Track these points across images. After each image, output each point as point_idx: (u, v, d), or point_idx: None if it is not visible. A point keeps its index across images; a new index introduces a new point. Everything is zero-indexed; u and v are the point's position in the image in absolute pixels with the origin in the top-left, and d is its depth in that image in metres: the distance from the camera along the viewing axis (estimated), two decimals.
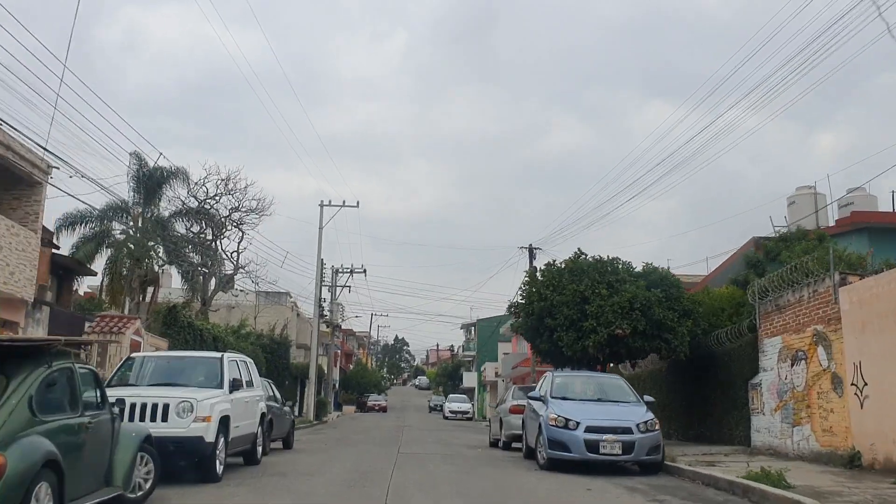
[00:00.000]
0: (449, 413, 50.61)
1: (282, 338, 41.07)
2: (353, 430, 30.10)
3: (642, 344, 18.16)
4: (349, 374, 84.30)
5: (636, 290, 18.29)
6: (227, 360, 11.62)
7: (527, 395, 16.99)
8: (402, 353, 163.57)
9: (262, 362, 35.37)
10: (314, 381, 40.32)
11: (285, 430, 17.22)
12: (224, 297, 49.05)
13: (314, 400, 39.99)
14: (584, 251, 20.46)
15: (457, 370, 78.71)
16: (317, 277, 41.20)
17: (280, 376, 40.26)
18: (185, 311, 35.39)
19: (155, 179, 38.52)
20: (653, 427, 12.40)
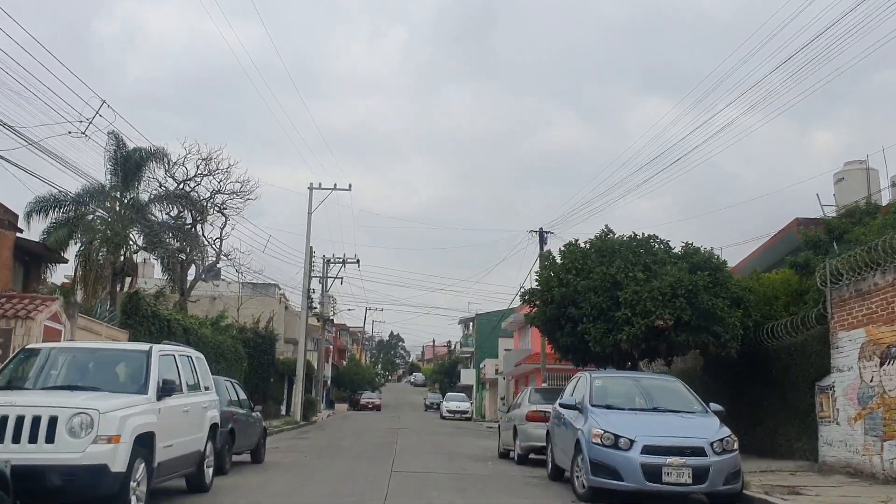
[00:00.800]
0: (447, 412, 47.54)
1: (267, 331, 37.92)
2: (343, 434, 27.02)
3: (686, 338, 15.06)
4: (342, 371, 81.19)
5: (679, 273, 15.19)
6: (157, 355, 8.47)
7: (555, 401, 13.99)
8: (398, 349, 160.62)
9: (243, 358, 32.28)
10: (302, 378, 37.22)
11: (254, 440, 14.10)
12: (207, 287, 46.00)
13: (301, 398, 36.87)
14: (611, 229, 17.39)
15: (454, 367, 75.57)
16: (305, 266, 38.09)
17: (265, 373, 37.16)
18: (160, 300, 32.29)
19: (133, 161, 35.67)
20: (730, 446, 9.33)
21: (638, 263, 15.70)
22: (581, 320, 15.78)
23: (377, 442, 21.67)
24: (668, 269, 15.35)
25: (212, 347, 27.07)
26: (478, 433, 31.13)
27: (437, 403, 67.82)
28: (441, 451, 18.94)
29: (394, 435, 25.61)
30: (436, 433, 28.52)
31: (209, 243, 37.95)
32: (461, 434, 29.33)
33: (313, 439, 23.36)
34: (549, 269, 17.42)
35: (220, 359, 28.20)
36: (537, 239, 26.73)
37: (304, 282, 37.92)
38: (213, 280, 49.80)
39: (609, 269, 15.68)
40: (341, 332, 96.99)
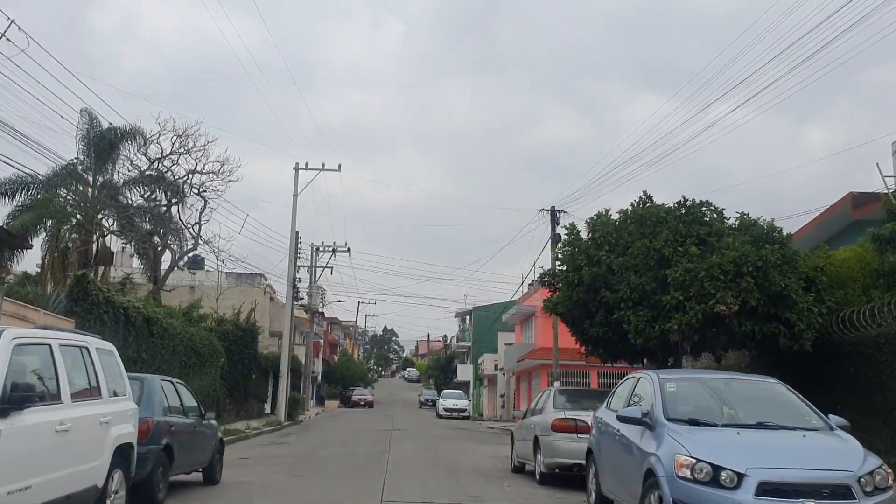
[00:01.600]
0: (443, 411, 44.49)
1: (249, 324, 34.83)
2: (328, 438, 23.97)
3: (752, 327, 11.97)
4: (333, 366, 78.11)
5: (742, 246, 12.12)
6: (6, 345, 5.35)
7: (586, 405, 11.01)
8: (391, 344, 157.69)
9: (219, 352, 29.16)
10: (287, 374, 34.11)
11: (205, 456, 10.98)
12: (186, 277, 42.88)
13: (286, 396, 33.77)
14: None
15: (450, 362, 72.48)
16: (291, 252, 34.95)
17: (246, 369, 34.07)
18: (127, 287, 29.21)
19: (108, 140, 32.66)
20: (884, 483, 6.28)
21: (690, 235, 12.64)
22: (618, 306, 12.72)
23: (366, 450, 18.61)
24: (729, 241, 12.27)
25: (181, 340, 23.96)
26: (480, 436, 28.11)
27: (433, 400, 64.83)
28: (442, 462, 15.88)
29: (386, 440, 22.56)
30: (433, 437, 25.49)
31: (185, 227, 34.93)
32: (462, 437, 26.29)
33: (293, 446, 20.28)
34: (573, 245, 14.36)
35: (192, 353, 25.09)
36: (548, 219, 23.69)
37: (288, 269, 34.81)
38: (195, 270, 46.83)
39: (654, 243, 12.61)
40: (333, 326, 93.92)
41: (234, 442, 20.94)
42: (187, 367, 24.55)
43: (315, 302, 45.79)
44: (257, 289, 43.63)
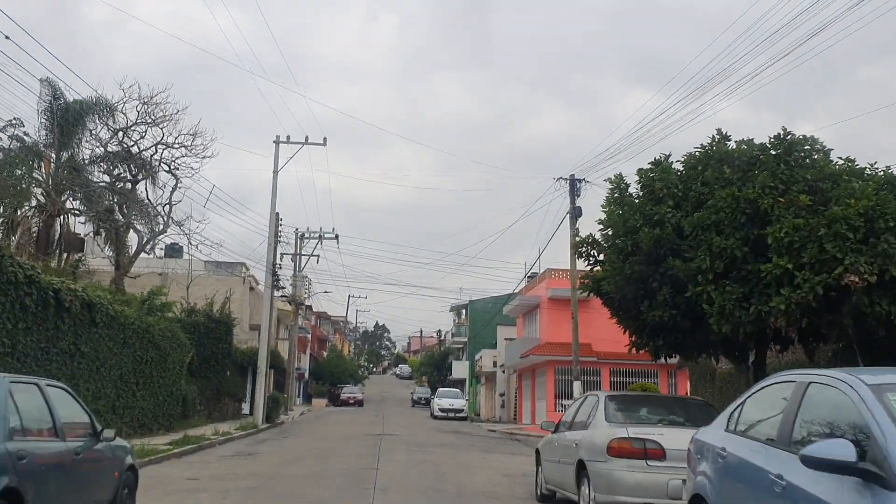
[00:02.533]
0: (438, 411, 40.93)
1: (223, 315, 31.21)
2: (306, 447, 20.41)
3: (889, 307, 8.46)
4: (322, 363, 74.49)
5: (871, 193, 8.60)
6: None
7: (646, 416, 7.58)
8: (383, 340, 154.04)
9: (185, 346, 25.54)
10: (265, 371, 30.48)
11: (100, 495, 7.34)
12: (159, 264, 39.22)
13: (264, 396, 30.16)
14: None
15: (444, 359, 68.89)
16: (270, 235, 31.30)
17: (219, 365, 30.45)
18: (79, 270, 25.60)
19: (73, 113, 29.22)
20: None
21: (796, 181, 9.09)
22: (693, 279, 9.18)
23: (349, 465, 15.02)
24: (855, 186, 8.73)
25: (135, 331, 20.31)
26: (483, 442, 24.57)
27: (426, 399, 61.36)
28: (445, 486, 12.30)
29: (374, 449, 19.00)
30: (430, 444, 21.93)
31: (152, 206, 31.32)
32: (463, 444, 22.75)
33: (261, 459, 16.65)
34: (620, 202, 10.81)
35: (149, 347, 21.47)
36: (566, 191, 20.08)
37: (267, 254, 31.15)
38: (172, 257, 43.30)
39: (744, 191, 9.07)
40: (321, 320, 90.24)
41: (190, 453, 17.34)
42: (143, 363, 20.92)
43: (300, 293, 42.18)
44: (237, 277, 39.96)
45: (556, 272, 35.09)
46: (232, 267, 45.37)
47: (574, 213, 19.44)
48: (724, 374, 17.38)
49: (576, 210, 19.60)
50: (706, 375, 18.72)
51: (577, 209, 19.55)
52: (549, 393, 33.75)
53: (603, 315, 33.07)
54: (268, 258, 31.21)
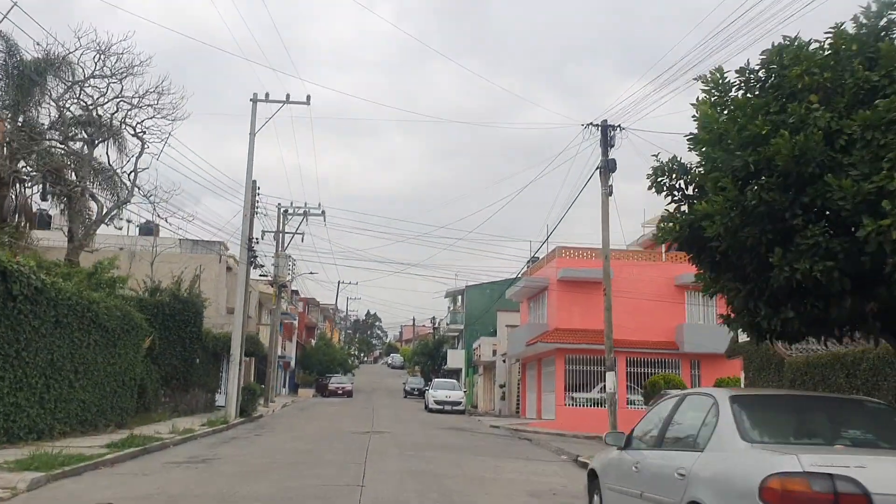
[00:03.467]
0: (434, 404, 37.42)
1: (192, 294, 27.62)
2: (279, 449, 16.89)
3: None
4: (309, 351, 70.93)
5: None
6: None
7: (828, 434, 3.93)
8: (374, 329, 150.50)
9: (142, 329, 21.95)
10: (239, 358, 26.93)
11: None
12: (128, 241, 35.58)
13: (238, 386, 26.61)
14: None
15: (438, 348, 65.36)
16: (246, 204, 27.65)
17: (187, 352, 26.88)
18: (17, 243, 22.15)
19: (31, 71, 25.82)
20: None
21: None
22: (871, 209, 5.65)
23: (327, 479, 11.48)
24: None
25: (73, 309, 16.63)
26: (488, 442, 21.07)
27: (419, 390, 57.94)
28: None
29: (361, 455, 15.48)
30: (428, 446, 18.42)
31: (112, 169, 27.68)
32: (466, 445, 19.26)
33: (215, 469, 13.06)
34: (724, 107, 7.27)
35: (93, 328, 17.82)
36: (599, 139, 16.40)
37: (243, 226, 27.53)
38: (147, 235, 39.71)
39: None
40: (311, 307, 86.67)
41: (129, 459, 13.74)
42: (83, 347, 17.25)
43: (282, 274, 38.57)
44: (212, 255, 36.30)
45: (567, 251, 31.59)
46: (210, 246, 41.65)
47: (607, 166, 15.90)
48: (799, 364, 13.88)
49: (609, 163, 16.04)
50: (769, 365, 15.23)
51: (611, 162, 15.99)
52: (558, 385, 30.30)
53: (620, 298, 29.52)
54: (243, 230, 27.57)
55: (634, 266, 31.20)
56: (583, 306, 30.67)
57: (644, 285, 30.51)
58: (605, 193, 15.98)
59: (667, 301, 30.83)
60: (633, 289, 30.49)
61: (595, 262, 31.20)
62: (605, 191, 15.94)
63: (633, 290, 30.50)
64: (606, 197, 15.80)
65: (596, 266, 30.65)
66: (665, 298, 30.80)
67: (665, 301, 30.71)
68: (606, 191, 15.94)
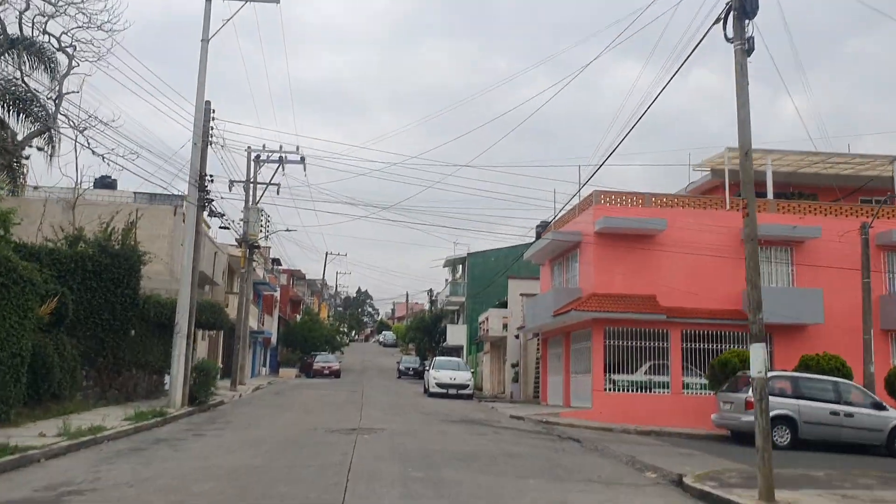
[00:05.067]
0: (436, 387, 31.14)
1: (126, 247, 21.20)
2: (218, 460, 10.63)
3: None
4: (294, 327, 64.58)
5: None
6: None
7: None
8: (365, 306, 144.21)
9: (35, 286, 15.54)
10: (187, 330, 20.59)
11: None
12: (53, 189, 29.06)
13: (184, 367, 20.28)
14: None
15: (436, 323, 58.99)
16: (196, 130, 21.16)
17: (117, 320, 20.54)
18: None
19: None
20: None
21: None
22: None
23: None
24: None
25: None
26: (524, 443, 14.72)
27: (414, 369, 51.81)
28: None
29: (338, 479, 9.22)
30: (440, 454, 12.12)
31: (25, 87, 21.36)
32: (498, 451, 12.97)
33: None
34: None
35: None
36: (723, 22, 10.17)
37: (192, 158, 21.04)
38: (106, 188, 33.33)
39: None
40: (296, 281, 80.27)
41: None
42: None
43: (254, 231, 32.07)
44: (164, 207, 29.74)
45: (607, 196, 25.21)
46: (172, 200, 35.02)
47: (743, 6, 9.58)
48: None
49: (747, 1, 9.67)
50: None
51: (750, 1, 9.64)
52: (596, 365, 24.07)
53: (671, 255, 23.25)
54: (192, 162, 21.06)
55: (690, 215, 24.92)
56: (627, 265, 24.41)
57: (702, 239, 24.28)
58: (741, 50, 9.63)
59: (731, 258, 24.62)
60: (688, 244, 24.27)
61: (643, 211, 24.88)
62: (740, 46, 9.60)
63: (688, 246, 24.28)
64: (743, 55, 9.50)
65: (644, 214, 24.34)
66: (729, 255, 24.58)
67: (729, 258, 24.52)
68: (743, 46, 9.62)
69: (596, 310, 23.42)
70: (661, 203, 25.23)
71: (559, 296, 26.13)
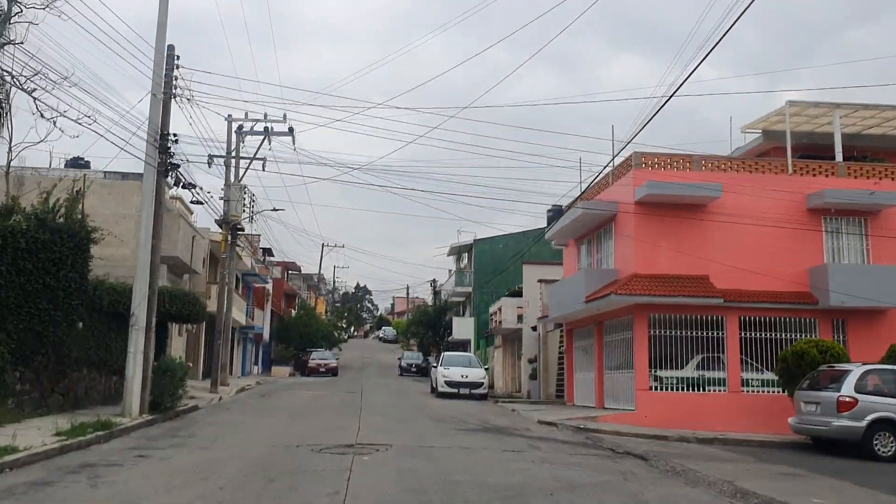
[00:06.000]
0: (445, 386, 27.34)
1: (71, 221, 17.32)
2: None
3: None
4: (288, 322, 60.77)
5: None
6: None
7: None
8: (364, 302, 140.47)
9: None
10: (145, 321, 16.79)
11: None
12: None
13: (142, 368, 16.50)
14: None
15: (440, 316, 55.10)
16: (155, 78, 17.32)
17: (58, 309, 16.69)
18: None
19: None
20: None
21: None
22: None
23: None
24: None
25: None
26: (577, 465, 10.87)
27: (417, 366, 48.12)
28: None
29: None
30: (481, 494, 8.37)
31: None
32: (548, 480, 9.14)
33: None
34: None
35: None
36: None
37: (151, 110, 17.23)
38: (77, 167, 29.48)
39: None
40: (291, 275, 76.43)
41: None
42: None
43: (236, 211, 28.23)
44: (131, 182, 25.87)
45: (649, 158, 21.36)
46: None
47: None
48: None
49: None
50: None
51: None
52: (639, 359, 20.28)
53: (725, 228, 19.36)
54: (151, 117, 17.20)
55: (746, 181, 21.10)
56: (674, 241, 20.63)
57: (761, 209, 20.52)
58: None
59: (796, 230, 20.86)
60: (744, 214, 20.49)
61: (693, 175, 21.06)
62: None
63: (744, 216, 20.50)
64: None
65: (696, 178, 20.54)
66: (793, 226, 20.82)
67: (794, 230, 20.76)
68: None
69: (640, 293, 19.60)
70: (712, 166, 21.41)
71: (591, 279, 22.29)
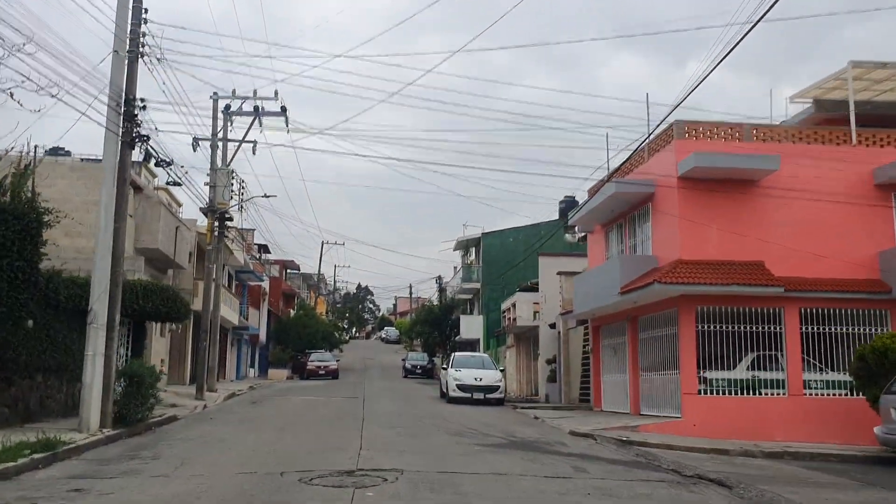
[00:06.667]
0: (456, 390, 24.60)
1: (17, 202, 14.58)
2: None
3: None
4: (286, 323, 58.05)
5: None
6: None
7: None
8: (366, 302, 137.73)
9: None
10: (106, 318, 14.08)
11: None
12: None
13: (101, 373, 13.79)
14: None
15: (447, 315, 52.34)
16: (119, 29, 14.60)
17: (2, 306, 13.96)
18: None
19: None
20: None
21: None
22: None
23: None
24: None
25: None
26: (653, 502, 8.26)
27: (422, 367, 45.42)
28: None
29: None
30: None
31: None
32: None
33: None
34: None
35: None
36: None
37: (111, 72, 14.55)
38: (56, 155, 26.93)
39: None
40: (290, 274, 73.81)
41: None
42: None
43: (223, 198, 25.51)
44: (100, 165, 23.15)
45: (695, 127, 18.62)
46: None
47: None
48: None
49: None
50: None
51: None
52: (685, 358, 17.54)
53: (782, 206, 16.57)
54: (113, 77, 14.50)
55: (803, 152, 18.36)
56: (724, 221, 17.92)
57: (822, 185, 17.80)
58: None
59: (863, 208, 18.13)
60: (803, 190, 17.76)
61: (744, 146, 18.33)
62: None
63: (802, 193, 17.77)
64: None
65: (747, 149, 17.81)
66: (859, 204, 18.09)
67: (860, 207, 18.04)
68: None
69: (689, 282, 16.86)
70: (764, 135, 18.67)
71: (626, 267, 19.54)
